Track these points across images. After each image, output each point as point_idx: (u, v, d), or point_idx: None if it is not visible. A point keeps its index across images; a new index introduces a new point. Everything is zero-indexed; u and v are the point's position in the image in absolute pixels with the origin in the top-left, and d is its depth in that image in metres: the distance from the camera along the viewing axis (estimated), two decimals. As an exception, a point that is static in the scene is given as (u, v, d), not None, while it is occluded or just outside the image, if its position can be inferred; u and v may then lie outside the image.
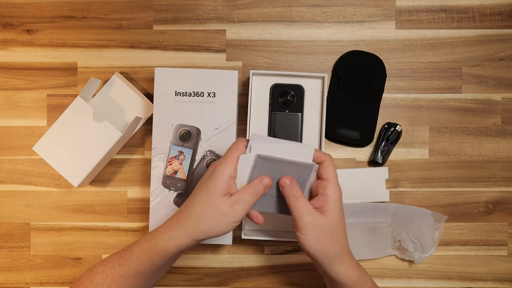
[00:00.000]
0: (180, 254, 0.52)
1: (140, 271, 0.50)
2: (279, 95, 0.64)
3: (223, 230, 0.49)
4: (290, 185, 0.50)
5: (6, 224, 0.67)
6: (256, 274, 0.67)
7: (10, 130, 0.67)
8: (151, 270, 0.50)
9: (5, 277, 0.67)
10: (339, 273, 0.51)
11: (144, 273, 0.50)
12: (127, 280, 0.50)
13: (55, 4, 0.67)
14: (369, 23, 0.67)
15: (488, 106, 0.67)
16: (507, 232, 0.67)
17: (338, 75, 0.66)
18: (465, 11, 0.67)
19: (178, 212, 0.51)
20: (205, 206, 0.49)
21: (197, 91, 0.62)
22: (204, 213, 0.48)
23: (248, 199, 0.49)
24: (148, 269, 0.50)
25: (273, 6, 0.67)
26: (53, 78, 0.67)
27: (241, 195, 0.49)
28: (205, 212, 0.48)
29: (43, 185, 0.67)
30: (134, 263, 0.50)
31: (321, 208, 0.50)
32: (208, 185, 0.49)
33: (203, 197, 0.49)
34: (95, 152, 0.62)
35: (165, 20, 0.67)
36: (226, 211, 0.48)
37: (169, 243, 0.49)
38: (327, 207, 0.50)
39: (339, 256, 0.51)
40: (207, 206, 0.49)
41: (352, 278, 0.51)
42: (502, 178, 0.67)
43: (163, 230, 0.50)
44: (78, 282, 0.52)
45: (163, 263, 0.50)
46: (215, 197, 0.48)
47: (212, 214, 0.48)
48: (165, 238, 0.49)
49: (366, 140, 0.66)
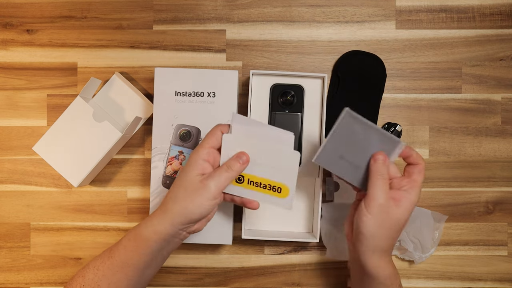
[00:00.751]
0: (166, 246, 0.51)
1: (128, 263, 0.50)
2: (279, 95, 0.63)
3: (199, 210, 0.50)
4: (383, 163, 0.51)
5: (6, 224, 0.67)
6: (256, 274, 0.67)
7: (10, 130, 0.67)
8: (137, 262, 0.50)
9: (5, 277, 0.67)
10: (375, 266, 0.51)
11: (131, 266, 0.50)
12: (116, 273, 0.50)
13: (55, 4, 0.67)
14: (369, 23, 0.67)
15: (488, 106, 0.67)
16: (507, 232, 0.67)
17: (338, 75, 0.66)
18: (465, 11, 0.67)
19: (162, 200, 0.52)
20: (179, 187, 0.50)
21: (197, 91, 0.62)
22: (178, 194, 0.50)
23: (220, 175, 0.50)
24: (135, 261, 0.50)
25: (273, 6, 0.67)
26: (53, 78, 0.67)
27: (213, 172, 0.50)
28: (179, 193, 0.50)
29: (43, 185, 0.67)
30: (121, 255, 0.50)
31: (398, 201, 0.50)
32: (184, 169, 0.51)
33: (178, 181, 0.51)
34: (95, 152, 0.62)
35: (165, 20, 0.67)
36: (197, 188, 0.49)
37: (150, 229, 0.50)
38: (403, 203, 0.50)
39: (385, 251, 0.51)
40: (181, 187, 0.50)
41: (385, 273, 0.51)
42: (502, 178, 0.67)
43: (147, 219, 0.51)
44: (71, 280, 0.52)
45: (148, 254, 0.50)
46: (188, 178, 0.50)
47: (185, 193, 0.50)
48: (147, 225, 0.50)
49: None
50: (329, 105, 0.65)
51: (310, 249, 0.67)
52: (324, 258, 0.67)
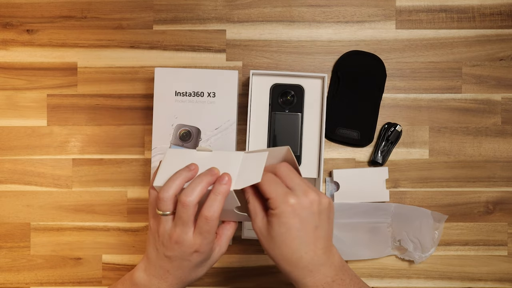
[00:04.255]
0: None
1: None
2: (279, 95, 0.64)
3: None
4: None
5: (6, 224, 0.67)
6: (256, 274, 0.67)
7: (10, 130, 0.67)
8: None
9: (5, 277, 0.67)
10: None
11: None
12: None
13: (55, 4, 0.67)
14: (369, 23, 0.67)
15: (488, 106, 0.67)
16: (507, 232, 0.67)
17: (338, 75, 0.66)
18: (465, 11, 0.67)
19: None
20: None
21: (197, 91, 0.62)
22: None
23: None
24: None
25: (273, 6, 0.67)
26: (53, 78, 0.67)
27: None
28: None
29: (43, 185, 0.67)
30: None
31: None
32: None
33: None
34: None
35: (165, 20, 0.67)
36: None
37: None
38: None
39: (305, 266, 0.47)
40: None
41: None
42: (502, 178, 0.67)
43: (146, 272, 0.51)
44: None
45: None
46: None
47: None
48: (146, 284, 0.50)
49: (366, 140, 0.66)
50: (329, 105, 0.65)
51: (310, 249, 0.67)
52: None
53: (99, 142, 0.67)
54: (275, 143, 0.64)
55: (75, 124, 0.67)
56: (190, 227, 0.47)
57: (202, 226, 0.46)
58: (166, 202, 0.46)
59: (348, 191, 0.65)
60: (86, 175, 0.67)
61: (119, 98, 0.67)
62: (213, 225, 0.46)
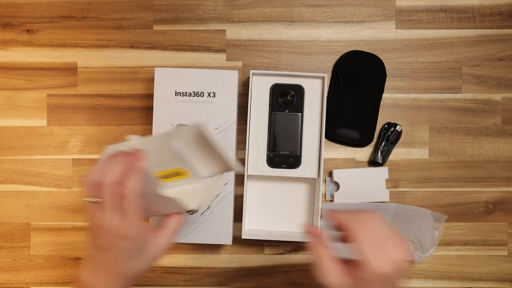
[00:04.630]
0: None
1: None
2: (279, 95, 0.64)
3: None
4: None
5: (6, 224, 0.67)
6: (256, 274, 0.67)
7: (10, 130, 0.67)
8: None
9: (5, 277, 0.67)
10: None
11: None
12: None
13: (55, 4, 0.67)
14: (369, 23, 0.67)
15: (488, 106, 0.67)
16: (507, 232, 0.67)
17: (338, 75, 0.66)
18: (465, 11, 0.67)
19: None
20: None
21: (197, 91, 0.62)
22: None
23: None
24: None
25: (273, 6, 0.67)
26: (53, 78, 0.67)
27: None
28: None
29: (43, 185, 0.67)
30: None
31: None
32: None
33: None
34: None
35: (165, 20, 0.67)
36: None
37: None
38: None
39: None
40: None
41: None
42: (502, 178, 0.67)
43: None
44: None
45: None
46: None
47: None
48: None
49: (366, 140, 0.66)
50: (329, 105, 0.65)
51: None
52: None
53: (99, 142, 0.67)
54: (275, 143, 0.64)
55: (75, 124, 0.67)
56: (112, 210, 0.45)
57: (121, 206, 0.44)
58: (89, 188, 0.46)
59: (348, 191, 0.65)
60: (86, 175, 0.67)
61: (119, 98, 0.67)
62: (132, 203, 0.44)
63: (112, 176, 0.45)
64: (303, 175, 0.63)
